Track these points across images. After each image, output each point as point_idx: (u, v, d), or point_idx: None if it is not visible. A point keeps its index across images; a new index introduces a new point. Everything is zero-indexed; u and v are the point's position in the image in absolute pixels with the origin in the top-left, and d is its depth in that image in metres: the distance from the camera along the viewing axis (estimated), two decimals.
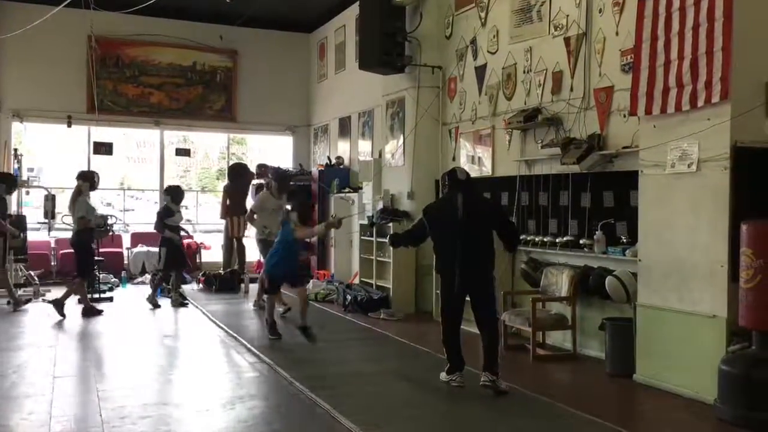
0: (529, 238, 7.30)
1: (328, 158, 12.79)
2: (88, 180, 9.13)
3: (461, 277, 5.38)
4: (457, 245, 5.38)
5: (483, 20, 8.58)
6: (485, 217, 5.58)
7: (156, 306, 9.56)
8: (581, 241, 6.67)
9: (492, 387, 5.23)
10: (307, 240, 13.07)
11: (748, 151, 5.00)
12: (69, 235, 10.75)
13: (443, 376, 5.55)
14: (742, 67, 4.98)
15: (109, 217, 10.57)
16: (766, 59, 5.09)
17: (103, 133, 12.89)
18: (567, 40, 7.12)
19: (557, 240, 6.99)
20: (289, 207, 8.77)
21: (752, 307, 4.66)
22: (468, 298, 5.55)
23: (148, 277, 11.61)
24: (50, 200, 10.82)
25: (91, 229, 9.04)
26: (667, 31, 5.42)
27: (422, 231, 5.79)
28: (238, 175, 11.91)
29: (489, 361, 5.31)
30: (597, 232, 6.46)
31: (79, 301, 9.01)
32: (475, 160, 8.67)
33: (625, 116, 6.33)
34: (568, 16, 7.13)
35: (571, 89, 7.06)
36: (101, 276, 10.32)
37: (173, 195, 9.96)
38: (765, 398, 4.53)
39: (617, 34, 6.51)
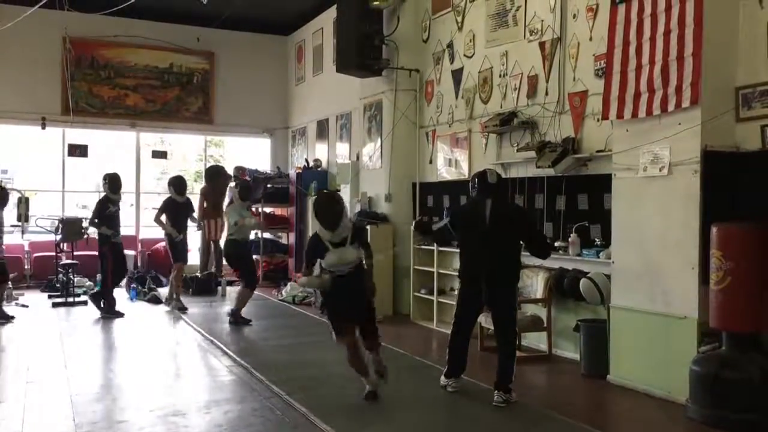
0: None
1: (306, 161, 12.78)
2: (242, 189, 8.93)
3: (488, 289, 5.17)
4: (482, 255, 5.17)
5: (459, 24, 8.63)
6: (516, 227, 5.28)
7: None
8: (556, 244, 6.74)
9: (505, 406, 5.06)
10: (283, 242, 13.12)
11: (718, 155, 5.09)
12: (43, 238, 10.67)
13: (442, 379, 5.50)
14: (713, 73, 5.08)
15: (84, 219, 10.48)
16: (735, 65, 5.19)
17: (78, 135, 12.75)
18: (542, 45, 7.20)
19: None
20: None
21: (722, 309, 4.76)
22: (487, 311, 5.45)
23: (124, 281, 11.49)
24: (24, 203, 10.67)
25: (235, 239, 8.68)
26: (639, 37, 5.50)
27: (448, 235, 5.77)
28: (214, 177, 11.86)
29: (503, 380, 5.13)
30: (571, 235, 6.54)
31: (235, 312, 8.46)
32: (452, 162, 8.72)
33: (598, 120, 6.41)
34: (543, 21, 7.21)
35: (546, 93, 7.13)
36: (76, 279, 10.21)
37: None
38: (734, 398, 4.62)
39: (591, 39, 6.60)
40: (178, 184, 9.60)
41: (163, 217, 9.45)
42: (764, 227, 4.74)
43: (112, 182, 9.30)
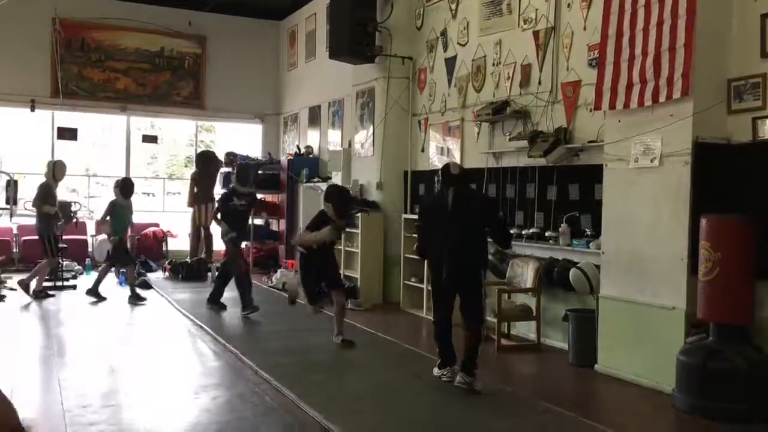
0: None
1: (298, 147, 12.73)
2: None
3: (449, 273, 5.22)
4: (445, 241, 5.25)
5: (453, 12, 8.60)
6: (476, 213, 5.39)
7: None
8: (547, 234, 6.76)
9: (467, 388, 5.12)
10: (274, 228, 13.10)
11: (709, 147, 5.11)
12: (32, 221, 10.58)
13: (435, 371, 5.50)
14: (705, 64, 5.08)
15: (73, 203, 10.42)
16: (728, 57, 5.20)
17: (67, 118, 12.65)
18: (536, 34, 7.18)
19: (523, 232, 7.06)
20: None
21: (710, 300, 4.79)
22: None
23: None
24: (13, 186, 10.59)
25: None
26: (632, 27, 5.50)
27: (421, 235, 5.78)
28: (205, 162, 11.80)
29: (468, 362, 5.19)
30: (562, 225, 6.56)
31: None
32: (444, 151, 8.71)
33: (591, 110, 6.40)
34: (537, 10, 7.18)
35: (539, 83, 7.12)
36: (65, 263, 10.16)
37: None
38: (720, 388, 4.66)
39: (585, 29, 6.59)
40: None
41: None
42: (753, 219, 4.77)
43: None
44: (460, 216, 5.28)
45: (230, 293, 8.46)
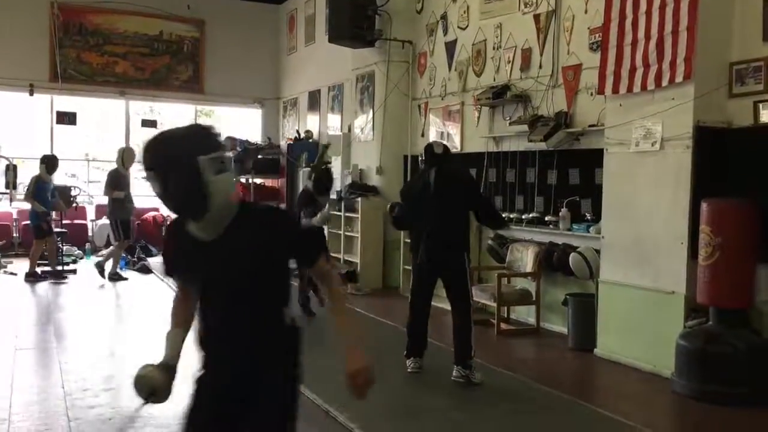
0: None
1: (297, 132, 12.69)
2: None
3: (429, 256, 5.06)
4: (428, 219, 5.06)
5: None
6: (460, 194, 5.17)
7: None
8: (547, 218, 6.75)
9: (464, 381, 4.94)
10: None
11: (710, 131, 5.09)
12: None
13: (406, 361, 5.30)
14: (707, 48, 5.05)
15: (73, 188, 10.40)
16: (730, 41, 5.16)
17: (66, 102, 12.59)
18: (536, 18, 7.13)
19: (523, 216, 7.05)
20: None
21: (710, 284, 4.79)
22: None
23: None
24: (12, 170, 10.58)
25: None
26: (635, 10, 5.46)
27: (407, 215, 5.56)
28: None
29: (460, 353, 4.97)
30: (562, 209, 6.55)
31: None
32: (444, 136, 8.67)
33: (592, 94, 6.38)
34: None
35: (540, 66, 7.08)
36: (65, 248, 10.16)
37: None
38: (719, 372, 4.67)
39: (586, 12, 6.54)
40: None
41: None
42: (754, 204, 4.75)
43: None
44: (443, 196, 5.08)
45: None
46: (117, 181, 9.45)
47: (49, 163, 9.55)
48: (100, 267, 9.38)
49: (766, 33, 4.91)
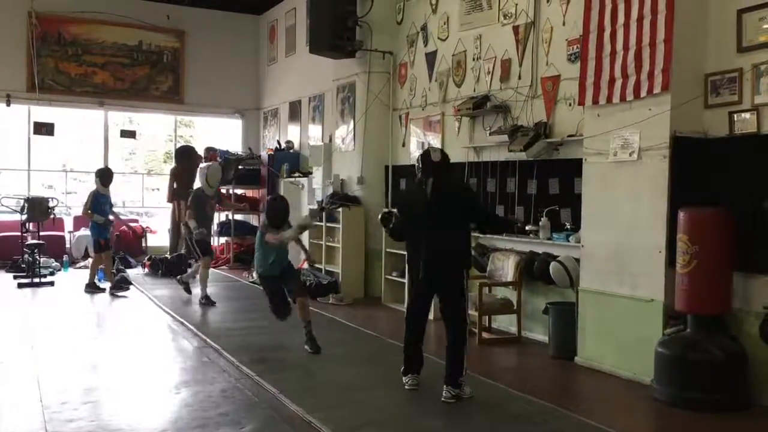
0: None
1: (278, 142, 12.68)
2: None
3: (426, 274, 4.84)
4: (423, 237, 4.84)
5: (434, 6, 8.60)
6: (458, 206, 4.91)
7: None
8: (527, 227, 6.79)
9: (455, 401, 4.76)
10: (254, 224, 13.02)
11: (687, 141, 5.16)
12: (8, 218, 10.46)
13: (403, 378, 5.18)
14: (683, 59, 5.14)
15: (50, 200, 10.30)
16: (706, 51, 5.25)
17: (44, 112, 12.47)
18: (516, 29, 7.21)
19: None
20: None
21: (687, 292, 4.85)
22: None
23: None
24: None
25: None
26: (613, 22, 5.54)
27: (400, 224, 5.24)
28: (185, 157, 11.71)
29: (451, 373, 4.79)
30: (542, 219, 6.60)
31: None
32: (424, 146, 8.71)
33: (570, 105, 6.45)
34: (517, 4, 7.21)
35: (519, 77, 7.15)
36: (42, 260, 10.05)
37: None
38: (698, 378, 4.72)
39: (564, 24, 6.62)
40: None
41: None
42: (730, 212, 4.83)
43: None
44: (440, 208, 4.84)
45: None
46: (203, 202, 8.72)
47: (103, 176, 9.35)
48: (183, 283, 9.10)
49: (740, 45, 5.01)
